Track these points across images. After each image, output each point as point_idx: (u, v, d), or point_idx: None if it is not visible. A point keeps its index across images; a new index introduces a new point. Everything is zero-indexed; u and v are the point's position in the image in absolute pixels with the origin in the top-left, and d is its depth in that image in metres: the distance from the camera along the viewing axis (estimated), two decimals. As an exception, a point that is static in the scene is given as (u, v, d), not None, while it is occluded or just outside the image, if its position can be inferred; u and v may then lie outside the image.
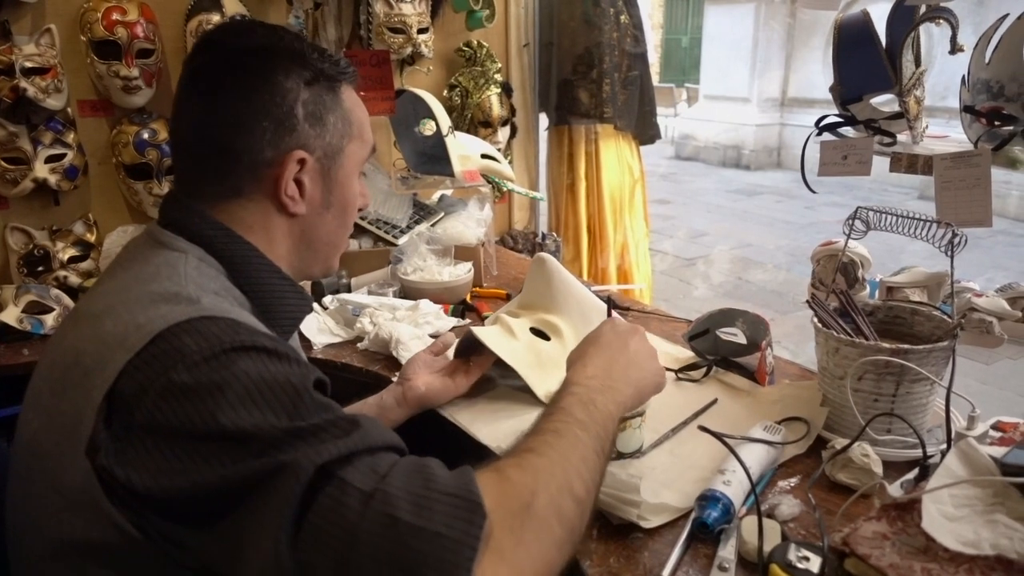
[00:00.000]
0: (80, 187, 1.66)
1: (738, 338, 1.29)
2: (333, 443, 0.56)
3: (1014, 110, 1.08)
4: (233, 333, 0.61)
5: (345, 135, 0.80)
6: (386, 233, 1.87)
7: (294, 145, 0.75)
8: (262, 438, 0.56)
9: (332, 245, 0.85)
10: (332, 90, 0.78)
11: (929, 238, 1.03)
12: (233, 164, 0.74)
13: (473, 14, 2.08)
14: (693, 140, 10.14)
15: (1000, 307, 1.17)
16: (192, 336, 0.59)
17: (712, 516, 0.81)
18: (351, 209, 0.84)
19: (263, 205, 0.77)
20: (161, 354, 0.59)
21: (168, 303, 0.64)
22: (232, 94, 0.74)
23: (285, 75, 0.75)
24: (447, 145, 1.80)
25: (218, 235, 0.75)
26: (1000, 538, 0.61)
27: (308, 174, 0.77)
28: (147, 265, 0.71)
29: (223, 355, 0.58)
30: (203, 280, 0.70)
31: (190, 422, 0.56)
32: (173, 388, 0.57)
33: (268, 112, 0.74)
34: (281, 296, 0.79)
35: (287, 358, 0.62)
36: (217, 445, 0.56)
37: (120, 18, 1.57)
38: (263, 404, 0.57)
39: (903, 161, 1.15)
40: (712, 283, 5.00)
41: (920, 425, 0.94)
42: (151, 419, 0.57)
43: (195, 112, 0.76)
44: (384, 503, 0.53)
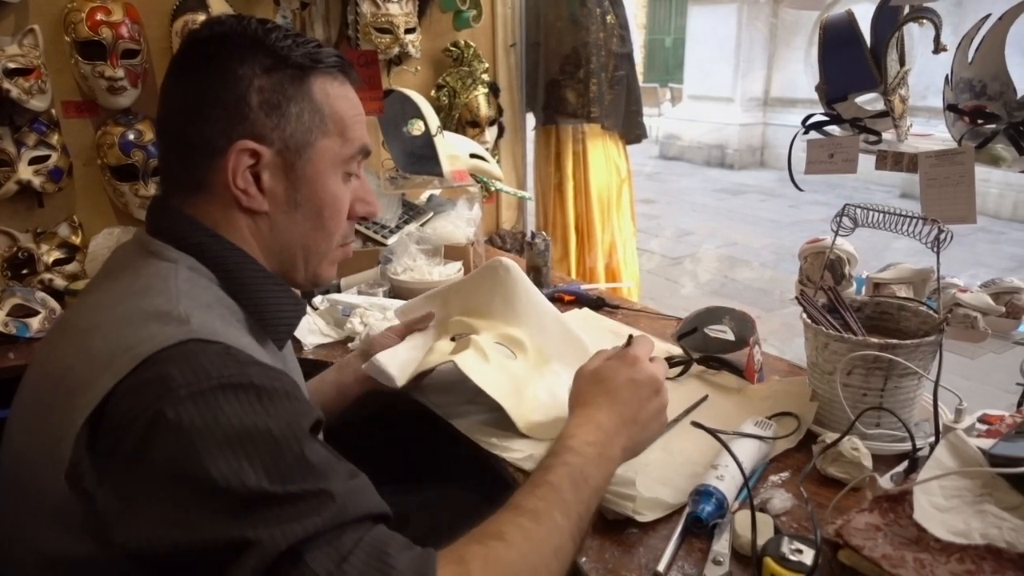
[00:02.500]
0: (65, 189, 1.64)
1: (726, 335, 1.30)
2: (302, 521, 0.54)
3: (996, 108, 1.10)
4: (222, 365, 0.58)
5: (314, 129, 0.74)
6: (375, 233, 1.86)
7: (244, 134, 0.71)
8: (238, 498, 0.54)
9: (310, 250, 0.78)
10: (298, 80, 0.73)
11: (915, 234, 1.04)
12: (192, 154, 0.72)
13: (460, 14, 2.08)
14: (677, 140, 10.20)
15: (984, 302, 1.19)
16: (179, 366, 0.57)
17: (706, 510, 0.82)
18: (329, 211, 0.77)
19: (221, 200, 0.73)
20: (148, 383, 0.56)
21: (158, 322, 0.61)
22: (190, 83, 0.72)
23: (239, 62, 0.71)
24: (436, 145, 1.80)
25: (210, 243, 0.72)
26: (990, 528, 0.62)
27: (267, 168, 0.72)
28: (137, 277, 0.69)
29: (210, 393, 0.56)
30: (195, 292, 0.68)
31: (174, 464, 0.54)
32: (159, 424, 0.54)
33: (219, 99, 0.71)
34: (276, 303, 0.76)
35: (278, 396, 0.59)
36: (196, 497, 0.54)
37: (105, 18, 1.56)
38: (243, 457, 0.54)
39: (888, 159, 1.17)
40: (699, 281, 5.03)
41: (908, 419, 0.96)
42: (136, 453, 0.55)
43: (164, 105, 0.75)
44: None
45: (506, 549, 0.62)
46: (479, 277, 1.19)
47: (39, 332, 1.49)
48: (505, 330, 1.16)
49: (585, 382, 0.85)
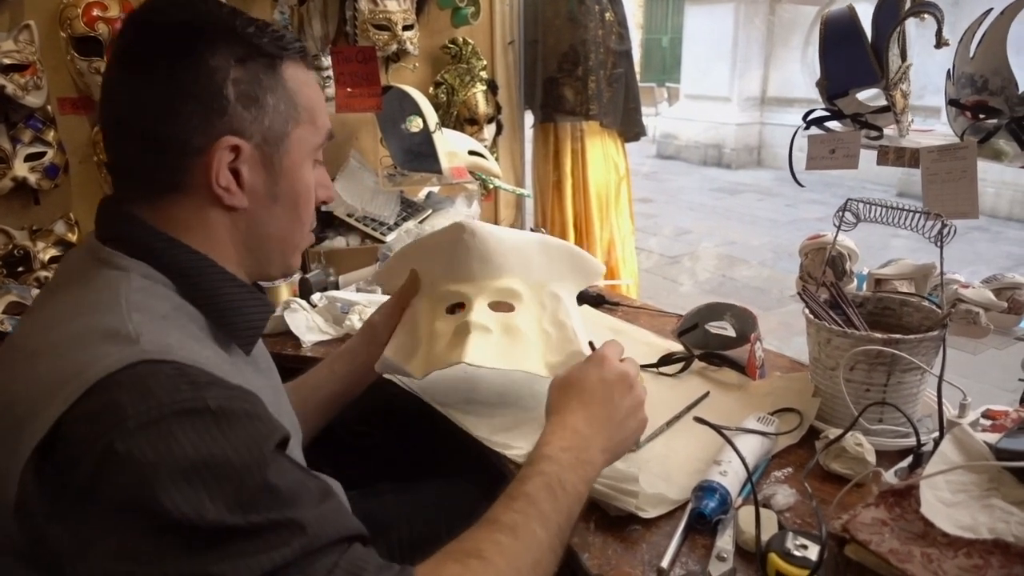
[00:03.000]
0: (61, 186, 1.63)
1: (727, 331, 1.30)
2: (269, 553, 0.53)
3: (998, 103, 1.09)
4: (174, 389, 0.54)
5: (290, 119, 0.71)
6: (374, 230, 1.86)
7: (225, 130, 0.67)
8: (197, 532, 0.51)
9: (286, 242, 0.77)
10: (271, 68, 0.70)
11: (918, 229, 1.04)
12: (160, 155, 0.67)
13: (458, 11, 2.07)
14: (674, 139, 10.20)
15: (986, 298, 1.19)
16: (129, 393, 0.53)
17: (709, 507, 0.81)
18: (304, 201, 0.76)
19: (197, 200, 0.69)
20: (97, 413, 0.53)
21: (107, 342, 0.57)
22: (154, 76, 0.66)
23: (212, 52, 0.67)
24: (434, 142, 1.79)
25: (163, 247, 0.67)
26: (997, 522, 0.62)
27: (246, 162, 0.69)
28: (87, 290, 0.64)
29: (163, 422, 0.52)
30: (149, 303, 0.63)
31: (127, 500, 0.51)
32: (109, 458, 0.51)
33: (193, 94, 0.66)
34: (239, 306, 0.72)
35: (237, 418, 0.55)
36: (152, 533, 0.51)
37: (101, 14, 1.55)
38: (201, 488, 0.52)
39: (890, 154, 1.17)
40: (697, 280, 5.03)
41: (912, 414, 0.95)
42: (87, 489, 0.52)
43: (119, 99, 0.68)
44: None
45: (483, 567, 0.62)
46: (446, 243, 1.12)
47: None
48: (494, 285, 1.11)
49: (557, 390, 0.83)
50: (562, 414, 0.79)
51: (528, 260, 1.14)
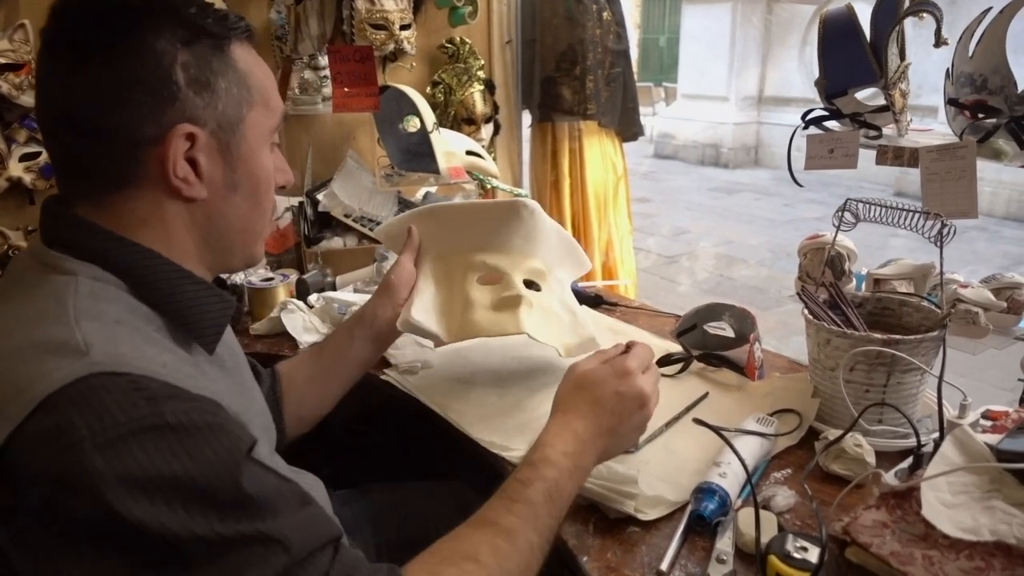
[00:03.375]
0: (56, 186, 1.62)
1: (726, 332, 1.29)
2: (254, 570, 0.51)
3: (997, 102, 1.09)
4: (130, 405, 0.51)
5: (243, 102, 0.68)
6: (371, 231, 1.85)
7: (178, 118, 0.64)
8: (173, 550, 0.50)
9: (248, 231, 0.74)
10: (219, 50, 0.66)
11: (918, 229, 1.03)
12: (108, 148, 0.63)
13: (455, 11, 2.07)
14: (672, 139, 10.20)
15: (986, 298, 1.19)
16: (81, 411, 0.50)
17: (709, 508, 0.81)
18: (264, 187, 0.73)
19: (152, 193, 0.65)
20: (47, 433, 0.50)
21: (54, 355, 0.54)
22: (95, 63, 0.62)
23: (155, 35, 0.63)
24: (432, 142, 1.78)
25: (110, 247, 0.64)
26: (999, 524, 0.61)
27: (203, 151, 0.66)
28: (31, 299, 0.60)
29: (119, 442, 0.50)
30: (99, 308, 0.59)
31: (90, 525, 0.49)
32: (65, 482, 0.49)
33: (140, 81, 0.62)
34: (196, 304, 0.68)
35: (200, 432, 0.53)
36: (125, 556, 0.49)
37: (96, 13, 1.54)
38: (172, 504, 0.50)
39: (889, 154, 1.16)
40: (695, 280, 5.03)
41: (911, 415, 0.95)
42: (45, 515, 0.49)
43: (57, 91, 0.63)
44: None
45: (478, 571, 0.62)
46: (500, 214, 1.16)
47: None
48: (527, 264, 1.16)
49: (572, 385, 0.82)
50: (569, 415, 0.79)
51: (550, 245, 1.21)
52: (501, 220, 1.15)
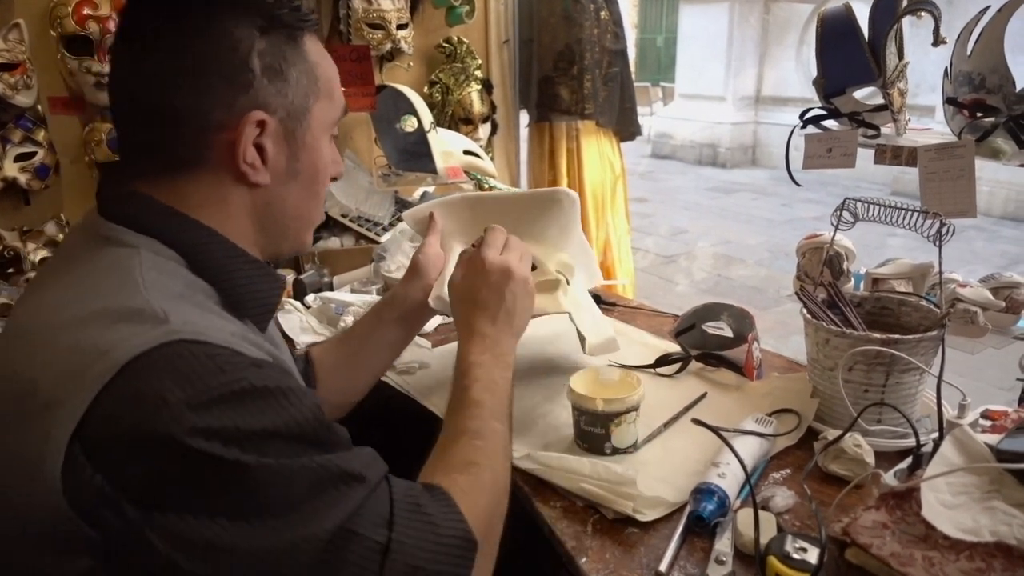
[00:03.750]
0: (52, 186, 1.62)
1: (724, 332, 1.29)
2: (345, 500, 0.57)
3: (995, 101, 1.09)
4: (216, 371, 0.54)
5: (311, 93, 0.70)
6: (368, 231, 1.84)
7: (251, 105, 0.65)
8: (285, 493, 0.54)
9: (302, 219, 0.76)
10: (293, 40, 0.68)
11: (916, 228, 1.03)
12: (180, 129, 0.64)
13: (453, 10, 2.06)
14: (670, 139, 10.20)
15: (984, 297, 1.18)
16: (171, 376, 0.52)
17: (708, 509, 0.80)
18: (322, 177, 0.75)
19: (217, 176, 0.67)
20: (139, 396, 0.52)
21: (130, 322, 0.55)
22: (174, 45, 0.63)
23: (235, 22, 0.64)
24: (429, 141, 1.78)
25: (170, 223, 0.65)
26: (999, 524, 0.61)
27: (270, 138, 0.67)
28: (94, 270, 0.62)
29: (211, 404, 0.52)
30: (164, 281, 0.61)
31: (190, 476, 0.52)
32: (162, 439, 0.51)
33: (217, 66, 0.64)
34: (249, 282, 0.69)
35: (280, 395, 0.56)
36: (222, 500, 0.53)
37: (92, 12, 1.53)
38: (264, 451, 0.54)
39: (888, 153, 1.16)
40: (693, 280, 5.03)
41: (911, 415, 0.95)
42: (157, 479, 0.52)
43: (131, 73, 0.65)
44: (402, 554, 0.58)
45: (480, 471, 0.71)
46: (539, 203, 1.18)
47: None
48: (558, 256, 1.17)
49: (456, 302, 0.92)
50: (468, 324, 0.88)
51: (577, 244, 1.23)
52: (541, 208, 1.17)
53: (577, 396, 0.97)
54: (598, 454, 0.96)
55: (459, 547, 0.62)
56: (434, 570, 0.59)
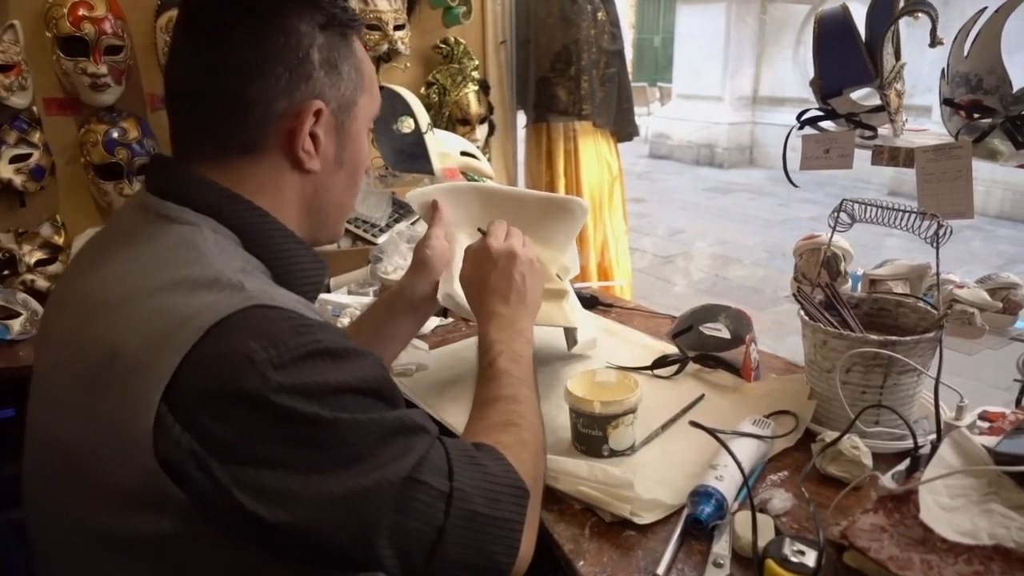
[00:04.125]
0: (47, 188, 1.61)
1: (722, 333, 1.29)
2: (413, 450, 0.61)
3: (992, 102, 1.09)
4: (294, 332, 0.58)
5: (358, 87, 0.75)
6: (365, 232, 1.84)
7: (311, 94, 0.69)
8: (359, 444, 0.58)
9: (343, 207, 0.80)
10: (345, 37, 0.73)
11: (914, 229, 1.03)
12: (243, 115, 0.68)
13: (450, 11, 2.06)
14: (667, 139, 10.21)
15: (981, 298, 1.18)
16: (255, 338, 0.56)
17: (705, 512, 0.80)
18: (361, 168, 0.80)
19: (275, 161, 0.71)
20: (225, 356, 0.55)
21: (209, 290, 0.59)
22: (241, 37, 0.67)
23: (299, 17, 0.69)
24: (426, 143, 1.77)
25: (226, 203, 0.68)
26: (997, 527, 0.61)
27: (323, 127, 0.72)
28: (159, 245, 0.65)
29: (293, 364, 0.56)
30: (227, 256, 0.65)
31: (277, 429, 0.56)
32: (251, 395, 0.55)
33: (282, 57, 0.68)
34: (299, 262, 0.73)
35: (351, 355, 0.61)
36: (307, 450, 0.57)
37: (87, 14, 1.53)
38: (343, 405, 0.58)
39: (885, 154, 1.16)
40: (691, 280, 5.03)
41: (908, 416, 0.94)
42: (251, 435, 0.55)
43: (197, 59, 0.68)
44: (464, 501, 0.63)
45: (521, 431, 0.75)
46: (553, 207, 1.20)
47: (21, 334, 1.46)
48: (559, 260, 1.21)
49: (468, 292, 0.97)
50: (483, 308, 0.93)
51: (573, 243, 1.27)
52: (553, 213, 1.20)
53: (574, 398, 0.96)
54: (596, 456, 0.96)
55: (514, 494, 0.66)
56: (492, 515, 0.64)
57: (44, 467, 0.64)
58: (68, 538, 0.62)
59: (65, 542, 0.63)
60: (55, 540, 0.64)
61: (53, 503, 0.63)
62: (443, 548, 0.61)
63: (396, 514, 0.59)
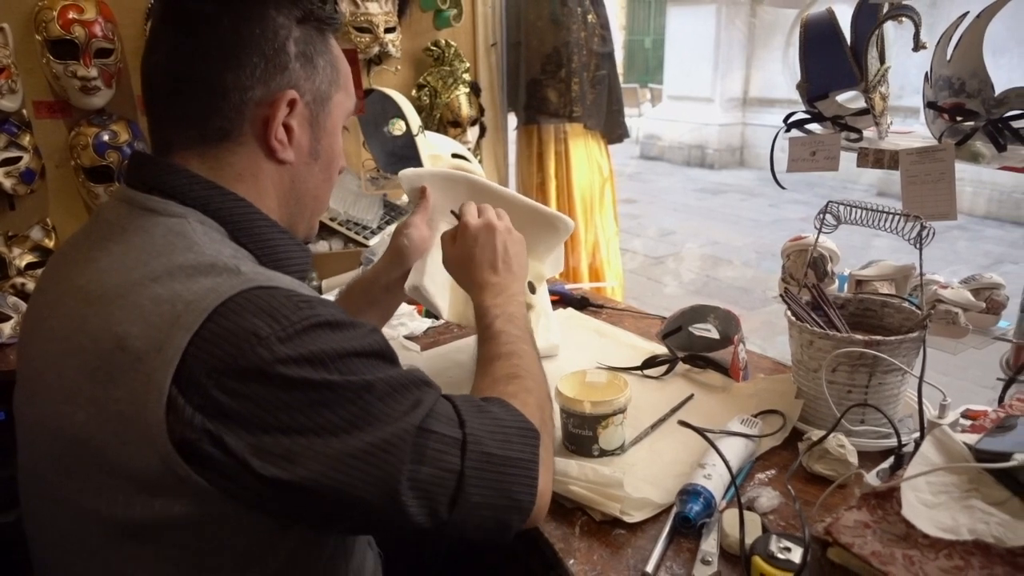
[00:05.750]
0: (37, 191, 1.61)
1: (711, 333, 1.30)
2: (422, 402, 0.64)
3: (975, 106, 1.10)
4: (296, 309, 0.60)
5: (333, 83, 0.76)
6: (356, 234, 1.84)
7: (286, 84, 0.71)
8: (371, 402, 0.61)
9: (319, 200, 0.81)
10: (322, 33, 0.75)
11: (898, 231, 1.04)
12: (220, 102, 0.69)
13: (440, 13, 2.07)
14: (658, 140, 10.24)
15: (965, 298, 1.20)
16: (258, 316, 0.58)
17: (694, 510, 0.81)
18: (336, 163, 0.81)
19: (251, 149, 0.72)
20: (228, 334, 0.57)
21: (207, 275, 0.61)
22: (221, 25, 0.68)
23: (276, 9, 0.70)
24: (417, 145, 1.78)
25: (212, 194, 0.70)
26: (977, 523, 0.62)
27: (296, 119, 0.73)
28: (149, 236, 0.65)
29: (297, 336, 0.59)
30: (216, 245, 0.66)
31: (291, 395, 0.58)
32: (261, 368, 0.57)
33: (259, 46, 0.69)
34: (285, 251, 0.75)
35: (349, 325, 0.63)
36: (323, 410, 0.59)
37: (77, 16, 1.53)
38: (352, 367, 0.61)
39: (870, 156, 1.17)
40: (681, 280, 5.05)
41: (893, 415, 0.96)
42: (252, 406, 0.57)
43: (175, 46, 0.70)
44: (478, 445, 0.66)
45: (524, 380, 0.79)
46: (539, 219, 1.21)
47: (11, 338, 1.45)
48: (536, 268, 1.22)
49: (456, 272, 0.99)
50: (472, 281, 0.95)
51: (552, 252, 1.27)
52: (539, 225, 1.21)
53: (565, 399, 0.97)
54: (586, 456, 0.97)
55: (524, 435, 0.70)
56: (506, 455, 0.67)
57: (51, 461, 0.64)
58: (76, 530, 0.63)
59: (73, 535, 0.64)
60: (62, 535, 0.65)
61: (61, 496, 0.63)
62: (465, 492, 0.64)
63: (414, 464, 0.62)
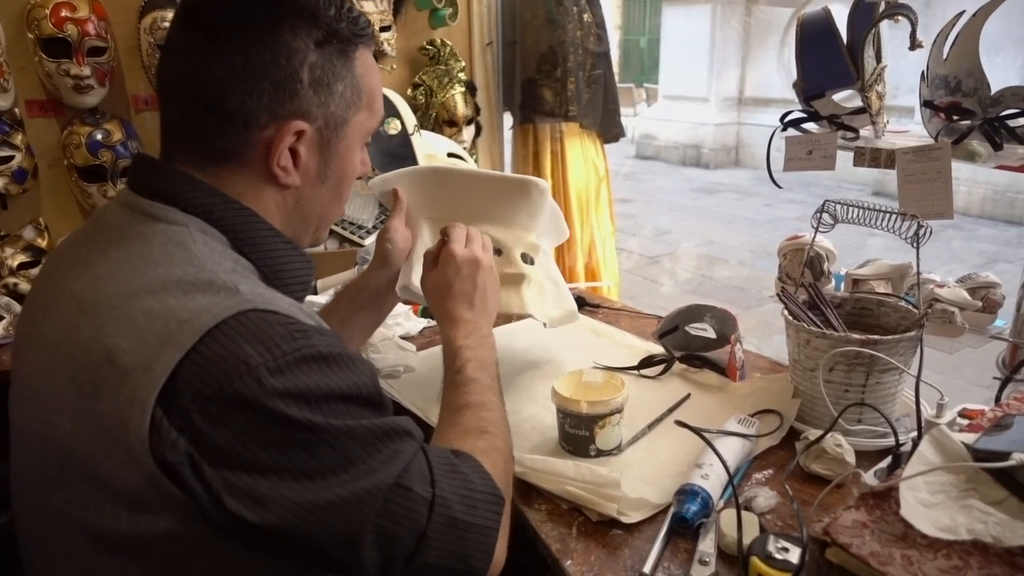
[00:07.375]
0: (30, 190, 1.60)
1: (707, 333, 1.30)
2: (400, 456, 0.63)
3: (971, 104, 1.10)
4: (289, 337, 0.58)
5: (352, 105, 0.73)
6: (352, 234, 1.84)
7: (293, 113, 0.68)
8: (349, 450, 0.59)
9: (325, 217, 0.80)
10: (345, 54, 0.71)
11: (894, 230, 1.04)
12: (224, 124, 0.67)
13: (436, 12, 2.06)
14: (653, 140, 10.25)
15: (961, 297, 1.20)
16: (250, 342, 0.56)
17: (691, 510, 0.81)
18: (348, 182, 0.78)
19: (253, 172, 0.70)
20: (221, 360, 0.55)
21: (204, 293, 0.59)
22: (231, 46, 0.66)
23: (293, 33, 0.67)
24: (413, 144, 1.78)
25: (215, 203, 0.68)
26: (975, 523, 0.62)
27: (305, 144, 0.71)
28: (149, 244, 0.64)
29: (288, 368, 0.57)
30: (216, 257, 0.65)
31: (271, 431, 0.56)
32: (246, 398, 0.55)
33: (268, 72, 0.66)
34: (287, 262, 0.73)
35: (343, 361, 0.62)
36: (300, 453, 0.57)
37: (70, 15, 1.52)
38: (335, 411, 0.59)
39: (866, 155, 1.17)
40: (678, 280, 5.05)
41: (890, 414, 0.96)
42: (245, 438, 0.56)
43: (187, 60, 0.67)
44: (445, 508, 0.64)
45: (493, 438, 0.77)
46: (510, 189, 1.17)
47: (3, 338, 1.44)
48: (526, 238, 1.18)
49: (432, 295, 0.97)
50: (448, 313, 0.94)
51: (545, 220, 1.23)
52: (511, 194, 1.17)
53: (561, 399, 0.97)
54: (583, 456, 0.96)
55: (491, 502, 0.68)
56: (470, 521, 0.66)
57: (39, 468, 0.63)
58: (63, 539, 0.62)
59: (60, 543, 0.62)
60: (49, 541, 0.64)
61: (48, 504, 0.63)
62: (423, 552, 0.63)
63: (381, 519, 0.60)
